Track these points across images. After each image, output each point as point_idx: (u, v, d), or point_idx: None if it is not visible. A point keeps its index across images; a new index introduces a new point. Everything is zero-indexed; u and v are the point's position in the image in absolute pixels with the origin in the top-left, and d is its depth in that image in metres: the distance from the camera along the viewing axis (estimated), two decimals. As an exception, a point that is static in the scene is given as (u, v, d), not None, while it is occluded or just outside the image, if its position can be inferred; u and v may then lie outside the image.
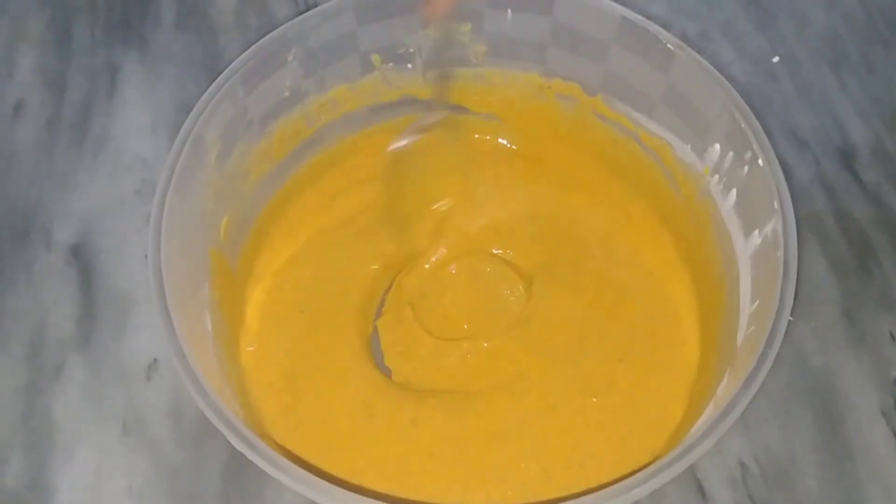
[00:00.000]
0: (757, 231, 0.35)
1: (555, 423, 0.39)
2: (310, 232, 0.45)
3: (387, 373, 0.41)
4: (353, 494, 0.28)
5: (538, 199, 0.46)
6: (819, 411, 0.41)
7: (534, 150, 0.47)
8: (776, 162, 0.35)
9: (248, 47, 0.38)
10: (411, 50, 0.43)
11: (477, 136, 0.47)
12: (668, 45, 0.38)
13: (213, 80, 0.37)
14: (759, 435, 0.40)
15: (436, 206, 0.46)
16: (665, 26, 0.39)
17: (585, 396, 0.39)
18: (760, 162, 0.35)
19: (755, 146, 0.36)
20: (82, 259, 0.45)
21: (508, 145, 0.47)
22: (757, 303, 0.34)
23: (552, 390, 0.40)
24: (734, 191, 0.38)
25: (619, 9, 0.39)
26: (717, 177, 0.39)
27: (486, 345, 0.41)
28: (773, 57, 0.53)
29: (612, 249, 0.44)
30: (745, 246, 0.36)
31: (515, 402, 0.39)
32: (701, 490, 0.39)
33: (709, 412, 0.33)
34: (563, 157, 0.46)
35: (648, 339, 0.41)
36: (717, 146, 0.38)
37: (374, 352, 0.42)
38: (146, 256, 0.33)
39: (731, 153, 0.37)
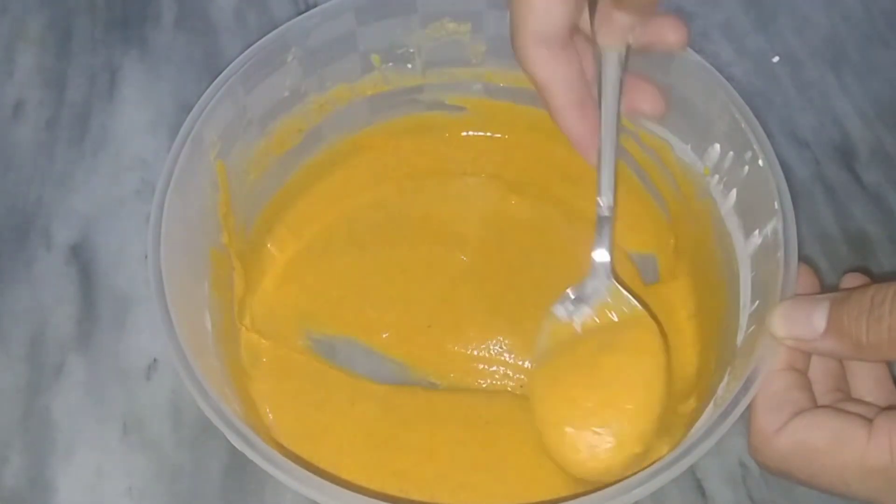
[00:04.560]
0: (757, 231, 0.35)
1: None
2: (310, 231, 0.45)
3: (388, 372, 0.41)
4: (353, 494, 0.28)
5: (536, 198, 0.46)
6: (819, 411, 0.41)
7: (533, 149, 0.47)
8: (776, 162, 0.35)
9: (248, 47, 0.38)
10: (411, 50, 0.43)
11: (475, 134, 0.47)
12: (669, 45, 0.38)
13: (213, 80, 0.37)
14: (759, 435, 0.40)
15: (432, 209, 0.46)
16: (665, 26, 0.39)
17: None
18: (760, 162, 0.35)
19: (755, 146, 0.36)
20: (82, 259, 0.45)
21: (506, 144, 0.47)
22: (757, 303, 0.34)
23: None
24: (734, 191, 0.37)
25: (620, 9, 0.39)
26: (717, 177, 0.39)
27: (486, 341, 0.41)
28: (773, 57, 0.53)
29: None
30: (746, 246, 0.36)
31: (514, 403, 0.39)
32: (701, 490, 0.39)
33: (709, 412, 0.33)
34: (562, 156, 0.46)
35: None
36: (717, 146, 0.38)
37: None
38: (146, 256, 0.33)
39: (731, 153, 0.37)
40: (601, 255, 0.38)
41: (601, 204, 0.37)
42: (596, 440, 0.34)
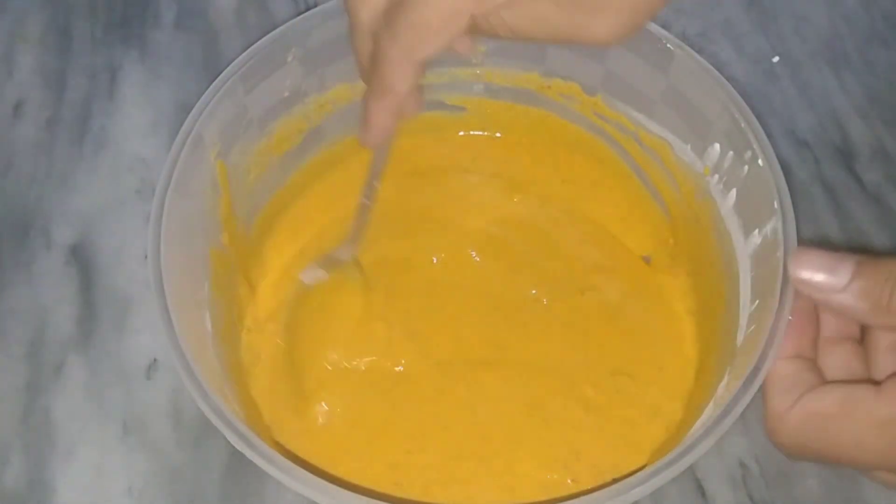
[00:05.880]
0: (757, 231, 0.35)
1: (554, 424, 0.39)
2: (310, 231, 0.45)
3: (388, 373, 0.41)
4: (353, 494, 0.28)
5: (536, 198, 0.46)
6: (819, 411, 0.41)
7: (532, 149, 0.47)
8: (776, 162, 0.35)
9: (248, 47, 0.38)
10: (411, 50, 0.43)
11: (475, 134, 0.48)
12: (668, 45, 0.38)
13: (213, 80, 0.37)
14: (759, 435, 0.40)
15: (431, 208, 0.46)
16: (665, 26, 0.39)
17: (585, 396, 0.40)
18: (760, 162, 0.35)
19: (755, 146, 0.36)
20: (82, 259, 0.45)
21: (506, 144, 0.47)
22: (757, 302, 0.34)
23: (551, 391, 0.40)
24: (734, 190, 0.38)
25: (619, 8, 0.39)
26: (717, 176, 0.39)
27: (485, 339, 0.41)
28: (773, 57, 0.53)
29: (610, 249, 0.44)
30: (745, 246, 0.36)
31: (513, 404, 0.39)
32: (701, 490, 0.39)
33: (709, 412, 0.33)
34: (562, 156, 0.47)
35: (648, 339, 0.41)
36: (717, 146, 0.38)
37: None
38: (146, 256, 0.33)
39: (731, 153, 0.37)
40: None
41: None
42: None
